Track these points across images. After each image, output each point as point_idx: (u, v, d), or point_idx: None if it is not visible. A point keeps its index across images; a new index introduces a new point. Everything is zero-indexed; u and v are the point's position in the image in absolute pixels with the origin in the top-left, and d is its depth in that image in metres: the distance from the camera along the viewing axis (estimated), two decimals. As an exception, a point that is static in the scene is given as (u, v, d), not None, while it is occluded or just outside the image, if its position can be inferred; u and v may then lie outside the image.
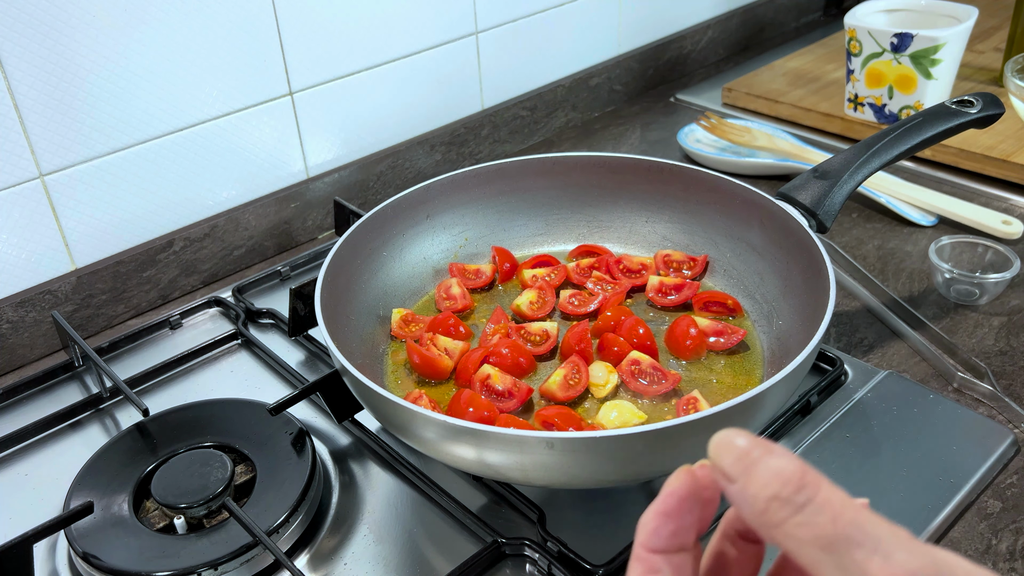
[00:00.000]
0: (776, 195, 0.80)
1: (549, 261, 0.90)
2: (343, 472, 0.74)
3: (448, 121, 1.21)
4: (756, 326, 0.81)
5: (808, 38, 1.59)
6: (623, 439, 0.56)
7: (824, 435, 0.74)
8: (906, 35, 1.11)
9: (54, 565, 0.68)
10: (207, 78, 0.96)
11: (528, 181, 0.92)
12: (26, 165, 0.86)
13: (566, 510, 0.68)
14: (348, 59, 1.07)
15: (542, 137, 1.32)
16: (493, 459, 0.59)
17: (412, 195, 0.87)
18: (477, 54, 1.20)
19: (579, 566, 0.62)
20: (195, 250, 1.00)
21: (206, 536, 0.66)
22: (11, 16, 0.81)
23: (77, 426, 0.82)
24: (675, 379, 0.73)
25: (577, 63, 1.34)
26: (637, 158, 0.90)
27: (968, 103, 0.84)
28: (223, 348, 0.91)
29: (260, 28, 0.98)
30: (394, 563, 0.66)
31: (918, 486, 0.68)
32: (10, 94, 0.83)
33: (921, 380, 0.80)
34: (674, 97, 1.42)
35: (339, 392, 0.73)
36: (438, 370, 0.76)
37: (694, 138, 1.22)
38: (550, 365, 0.78)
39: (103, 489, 0.70)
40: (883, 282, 0.94)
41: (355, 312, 0.79)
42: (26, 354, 0.91)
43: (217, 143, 0.99)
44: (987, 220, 0.98)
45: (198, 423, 0.76)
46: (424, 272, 0.89)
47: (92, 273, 0.93)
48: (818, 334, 0.63)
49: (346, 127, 1.10)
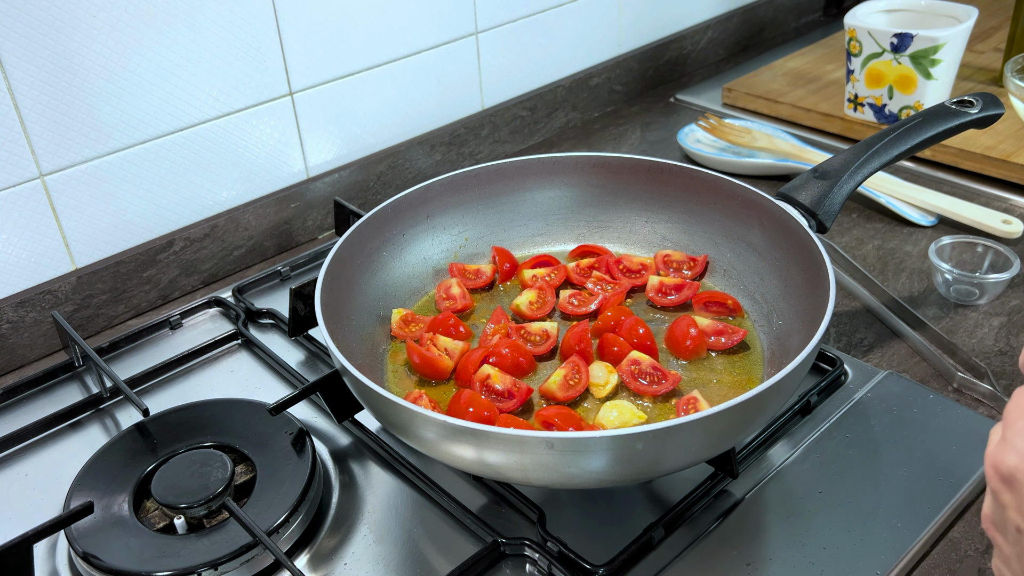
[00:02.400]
0: (776, 195, 0.80)
1: (549, 261, 0.90)
2: (343, 472, 0.74)
3: (448, 121, 1.21)
4: (756, 326, 0.81)
5: (808, 38, 1.59)
6: (623, 439, 0.56)
7: (824, 435, 0.74)
8: (906, 35, 1.11)
9: (54, 565, 0.68)
10: (207, 78, 0.96)
11: (528, 181, 0.92)
12: (26, 165, 0.86)
13: (566, 510, 0.68)
14: (348, 59, 1.07)
15: (542, 137, 1.32)
16: (493, 459, 0.59)
17: (412, 195, 0.87)
18: (477, 54, 1.20)
19: (579, 566, 0.62)
20: (195, 250, 1.00)
21: (206, 536, 0.66)
22: (11, 16, 0.81)
23: (77, 426, 0.82)
24: (675, 379, 0.73)
25: (577, 63, 1.34)
26: (637, 158, 0.90)
27: (968, 103, 0.84)
28: (223, 348, 0.91)
29: (260, 28, 0.98)
30: (394, 563, 0.66)
31: (918, 486, 0.68)
32: (10, 94, 0.83)
33: (921, 380, 0.80)
34: (674, 97, 1.42)
35: (339, 392, 0.73)
36: (438, 370, 0.76)
37: (694, 138, 1.22)
38: (550, 365, 0.78)
39: (103, 489, 0.70)
40: (883, 282, 0.94)
41: (355, 312, 0.79)
42: (26, 354, 0.91)
43: (217, 143, 0.99)
44: (987, 220, 0.98)
45: (198, 423, 0.76)
46: (424, 272, 0.89)
47: (92, 273, 0.93)
48: (818, 334, 0.63)
49: (346, 127, 1.10)
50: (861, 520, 0.66)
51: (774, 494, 0.69)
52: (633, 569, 0.64)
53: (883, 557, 0.63)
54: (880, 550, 0.64)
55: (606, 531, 0.67)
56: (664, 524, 0.65)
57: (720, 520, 0.67)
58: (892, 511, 0.67)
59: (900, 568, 0.63)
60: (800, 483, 0.70)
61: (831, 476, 0.70)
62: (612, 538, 0.65)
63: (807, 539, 0.65)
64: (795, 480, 0.70)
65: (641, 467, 0.60)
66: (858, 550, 0.64)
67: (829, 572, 0.62)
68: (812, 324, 0.66)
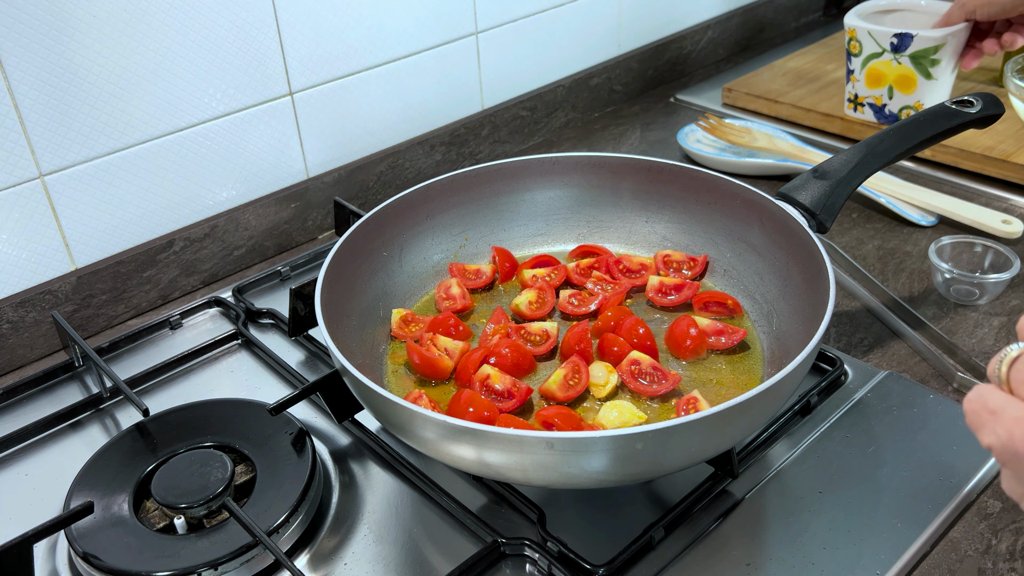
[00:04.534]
0: (776, 195, 0.80)
1: (549, 261, 0.90)
2: (343, 472, 0.74)
3: (448, 121, 1.21)
4: (756, 326, 0.81)
5: (808, 38, 1.59)
6: (623, 439, 0.56)
7: (824, 435, 0.74)
8: (906, 35, 1.11)
9: (54, 565, 0.68)
10: (207, 78, 0.96)
11: (528, 181, 0.92)
12: (26, 165, 0.86)
13: (566, 510, 0.68)
14: (348, 59, 1.07)
15: (542, 137, 1.32)
16: (493, 459, 0.59)
17: (412, 195, 0.87)
18: (477, 54, 1.20)
19: (579, 566, 0.62)
20: (195, 250, 1.00)
21: (206, 536, 0.66)
22: (11, 16, 0.81)
23: (77, 426, 0.82)
24: (675, 379, 0.73)
25: (577, 63, 1.34)
26: (637, 158, 0.90)
27: (968, 103, 0.84)
28: (223, 348, 0.91)
29: (260, 28, 0.98)
30: (394, 563, 0.66)
31: (918, 486, 0.68)
32: (10, 94, 0.83)
33: (921, 380, 0.80)
34: (674, 97, 1.42)
35: (339, 392, 0.73)
36: (438, 370, 0.76)
37: (694, 138, 1.22)
38: (550, 365, 0.78)
39: (103, 489, 0.70)
40: (883, 282, 0.94)
41: (355, 312, 0.79)
42: (26, 354, 0.91)
43: (217, 143, 0.99)
44: (987, 220, 0.98)
45: (198, 423, 0.76)
46: (424, 272, 0.89)
47: (92, 273, 0.93)
48: (818, 334, 0.63)
49: (346, 127, 1.10)
50: (861, 520, 0.66)
51: (774, 494, 0.69)
52: (633, 569, 0.64)
53: (883, 557, 0.63)
54: (880, 550, 0.64)
55: (606, 531, 0.67)
56: (664, 524, 0.65)
57: (720, 520, 0.67)
58: (892, 511, 0.67)
59: (900, 568, 0.63)
60: (800, 483, 0.70)
61: (831, 476, 0.70)
62: (612, 538, 0.65)
63: (807, 539, 0.65)
64: (795, 480, 0.70)
65: (641, 467, 0.60)
66: (858, 550, 0.64)
67: (829, 572, 0.62)
68: (812, 324, 0.66)
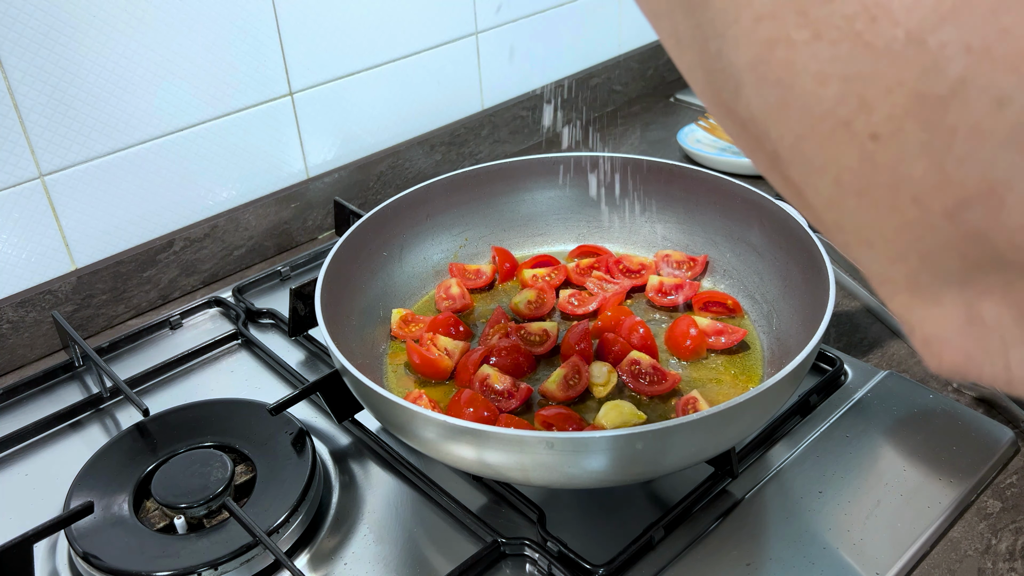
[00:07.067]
0: (776, 195, 0.80)
1: (549, 261, 0.90)
2: (343, 472, 0.74)
3: (448, 121, 1.21)
4: (756, 326, 0.81)
5: (808, 38, 1.58)
6: (623, 439, 0.56)
7: (824, 435, 0.74)
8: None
9: (54, 565, 0.68)
10: (207, 78, 0.96)
11: (528, 181, 0.92)
12: (26, 165, 0.86)
13: (566, 510, 0.68)
14: (348, 59, 1.07)
15: (542, 137, 1.32)
16: (493, 459, 0.59)
17: (412, 195, 0.87)
18: (477, 54, 1.20)
19: (579, 566, 0.62)
20: (195, 250, 1.00)
21: (206, 536, 0.66)
22: (11, 16, 0.81)
23: (77, 426, 0.82)
24: (675, 379, 0.73)
25: (577, 63, 1.34)
26: (637, 158, 0.90)
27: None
28: (223, 348, 0.91)
29: (260, 28, 0.98)
30: (394, 563, 0.66)
31: (918, 486, 0.68)
32: (10, 94, 0.83)
33: (921, 380, 0.80)
34: (674, 97, 1.42)
35: (339, 392, 0.73)
36: (438, 370, 0.76)
37: (694, 138, 1.22)
38: (550, 365, 0.78)
39: (103, 489, 0.70)
40: (883, 282, 0.94)
41: (355, 312, 0.79)
42: (26, 354, 0.91)
43: (217, 143, 0.99)
44: (987, 220, 0.98)
45: (198, 423, 0.76)
46: (424, 272, 0.89)
47: (92, 273, 0.93)
48: (818, 334, 0.63)
49: (346, 127, 1.10)
50: (861, 520, 0.66)
51: (774, 494, 0.69)
52: (633, 569, 0.64)
53: (883, 557, 0.63)
54: (880, 550, 0.64)
55: (606, 531, 0.66)
56: (664, 524, 0.65)
57: (720, 520, 0.67)
58: (892, 511, 0.67)
59: (900, 568, 0.63)
60: (800, 483, 0.70)
61: (831, 476, 0.70)
62: (612, 538, 0.65)
63: (807, 539, 0.65)
64: (795, 480, 0.70)
65: (641, 467, 0.60)
66: (858, 550, 0.64)
67: (829, 572, 0.62)
68: (812, 324, 0.66)
